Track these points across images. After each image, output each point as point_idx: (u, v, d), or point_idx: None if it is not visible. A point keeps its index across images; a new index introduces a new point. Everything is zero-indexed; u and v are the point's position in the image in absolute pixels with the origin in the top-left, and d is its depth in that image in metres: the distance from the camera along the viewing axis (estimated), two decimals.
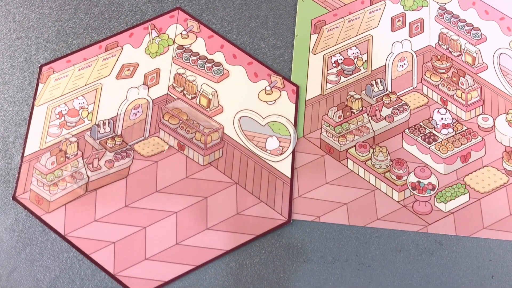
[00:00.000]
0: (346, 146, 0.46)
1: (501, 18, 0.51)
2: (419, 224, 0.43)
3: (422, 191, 0.45)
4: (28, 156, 0.45)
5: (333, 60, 0.49)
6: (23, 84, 0.48)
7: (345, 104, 0.47)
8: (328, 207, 0.44)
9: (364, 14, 0.50)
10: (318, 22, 0.50)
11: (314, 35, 0.50)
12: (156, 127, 0.46)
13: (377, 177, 0.45)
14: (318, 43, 0.49)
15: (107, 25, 0.50)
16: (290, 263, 0.43)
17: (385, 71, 0.49)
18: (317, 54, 0.49)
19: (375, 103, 0.47)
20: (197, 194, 0.44)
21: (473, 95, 0.48)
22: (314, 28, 0.50)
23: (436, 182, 0.45)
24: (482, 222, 0.44)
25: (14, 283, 0.42)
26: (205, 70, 0.48)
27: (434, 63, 0.49)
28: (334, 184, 0.45)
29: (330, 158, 0.46)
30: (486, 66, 0.49)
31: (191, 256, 0.42)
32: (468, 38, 0.50)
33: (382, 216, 0.44)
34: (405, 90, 0.48)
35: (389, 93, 0.48)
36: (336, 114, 0.47)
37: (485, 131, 0.47)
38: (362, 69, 0.49)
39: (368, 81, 0.48)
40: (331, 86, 0.48)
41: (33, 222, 0.43)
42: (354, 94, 0.48)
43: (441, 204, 0.44)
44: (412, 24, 0.50)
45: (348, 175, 0.45)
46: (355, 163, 0.45)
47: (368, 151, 0.46)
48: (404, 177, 0.45)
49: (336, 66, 0.49)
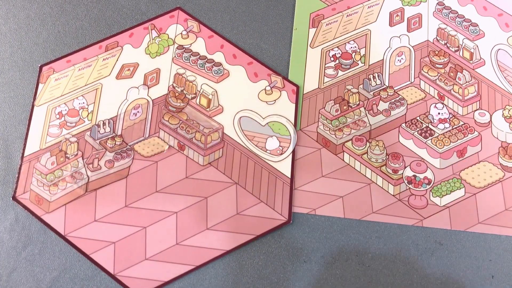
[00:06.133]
0: (343, 140, 0.46)
1: (499, 14, 0.51)
2: (414, 218, 0.44)
3: (418, 185, 0.45)
4: (28, 156, 0.45)
5: (331, 54, 0.49)
6: (23, 84, 0.48)
7: (342, 98, 0.47)
8: (324, 200, 0.44)
9: (362, 8, 0.51)
10: (316, 16, 0.50)
11: (312, 29, 0.50)
12: (156, 127, 0.46)
13: (373, 171, 0.45)
14: (316, 37, 0.49)
15: (107, 25, 0.50)
16: (290, 263, 0.43)
17: (382, 66, 0.49)
18: (315, 48, 0.49)
19: (372, 97, 0.47)
20: (197, 194, 0.44)
21: (470, 90, 0.48)
22: (312, 22, 0.50)
23: (432, 177, 0.45)
24: (478, 216, 0.44)
25: (14, 283, 0.42)
26: (205, 70, 0.48)
27: (432, 58, 0.49)
28: (330, 177, 0.45)
29: (327, 152, 0.46)
30: (483, 62, 0.49)
31: (191, 256, 0.42)
32: (466, 34, 0.50)
33: (377, 209, 0.44)
34: (403, 84, 0.48)
35: (386, 87, 0.48)
36: (333, 107, 0.47)
37: (482, 126, 0.47)
38: (359, 63, 0.49)
39: (366, 75, 0.48)
40: (328, 80, 0.48)
41: (33, 222, 0.44)
42: (352, 88, 0.48)
43: (436, 198, 0.44)
44: (410, 19, 0.51)
45: (344, 168, 0.45)
46: (351, 156, 0.45)
47: (364, 144, 0.46)
48: (400, 171, 0.45)
49: (334, 60, 0.49)
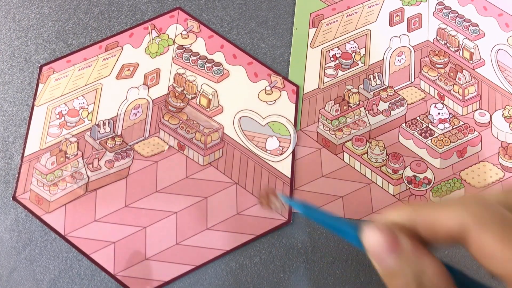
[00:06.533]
0: (343, 140, 0.46)
1: (499, 14, 0.51)
2: None
3: (418, 185, 0.45)
4: (28, 156, 0.45)
5: (331, 54, 0.49)
6: (23, 84, 0.48)
7: (342, 98, 0.47)
8: (323, 200, 0.44)
9: (362, 8, 0.51)
10: (316, 16, 0.50)
11: (312, 29, 0.50)
12: (156, 127, 0.46)
13: (373, 171, 0.45)
14: (316, 37, 0.49)
15: (107, 25, 0.50)
16: (290, 263, 0.43)
17: (382, 66, 0.49)
18: (315, 48, 0.49)
19: (372, 97, 0.47)
20: (197, 194, 0.44)
21: (470, 90, 0.48)
22: (312, 22, 0.50)
23: (432, 177, 0.45)
24: None
25: (14, 283, 0.42)
26: (205, 70, 0.48)
27: (432, 58, 0.49)
28: (330, 177, 0.45)
29: (327, 152, 0.46)
30: (483, 62, 0.49)
31: (191, 256, 0.42)
32: (466, 34, 0.50)
33: (377, 209, 0.44)
34: (403, 84, 0.48)
35: (386, 87, 0.48)
36: (333, 107, 0.47)
37: (482, 126, 0.47)
38: (359, 63, 0.49)
39: (366, 75, 0.48)
40: (328, 80, 0.48)
41: (33, 222, 0.43)
42: (352, 88, 0.48)
43: (436, 198, 0.44)
44: (410, 19, 0.51)
45: (344, 168, 0.45)
46: (351, 156, 0.45)
47: (364, 145, 0.46)
48: (400, 171, 0.45)
49: (334, 60, 0.49)
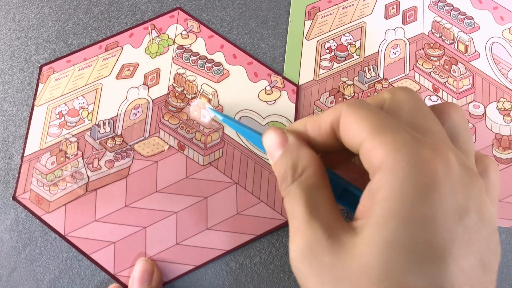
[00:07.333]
0: None
1: (494, 8, 0.51)
2: None
3: None
4: (28, 156, 0.45)
5: (326, 46, 0.49)
6: (23, 84, 0.48)
7: (338, 90, 0.47)
8: None
9: (358, 1, 0.51)
10: (312, 9, 0.50)
11: (308, 21, 0.50)
12: (156, 127, 0.46)
13: None
14: (312, 29, 0.49)
15: (107, 25, 0.50)
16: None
17: (377, 58, 0.49)
18: (310, 40, 0.49)
19: (367, 89, 0.48)
20: (197, 194, 0.44)
21: (465, 82, 0.48)
22: (308, 14, 0.50)
23: None
24: None
25: (14, 283, 0.42)
26: (205, 70, 0.48)
27: (427, 51, 0.49)
28: None
29: None
30: (478, 55, 0.49)
31: (191, 256, 0.42)
32: (461, 27, 0.50)
33: None
34: (397, 77, 0.48)
35: (381, 79, 0.48)
36: (328, 99, 0.47)
37: (476, 118, 0.47)
38: (355, 55, 0.49)
39: (361, 68, 0.48)
40: (324, 72, 0.48)
41: (33, 222, 0.43)
42: (347, 80, 0.48)
43: None
44: (405, 12, 0.51)
45: None
46: None
47: None
48: None
49: (330, 52, 0.49)
